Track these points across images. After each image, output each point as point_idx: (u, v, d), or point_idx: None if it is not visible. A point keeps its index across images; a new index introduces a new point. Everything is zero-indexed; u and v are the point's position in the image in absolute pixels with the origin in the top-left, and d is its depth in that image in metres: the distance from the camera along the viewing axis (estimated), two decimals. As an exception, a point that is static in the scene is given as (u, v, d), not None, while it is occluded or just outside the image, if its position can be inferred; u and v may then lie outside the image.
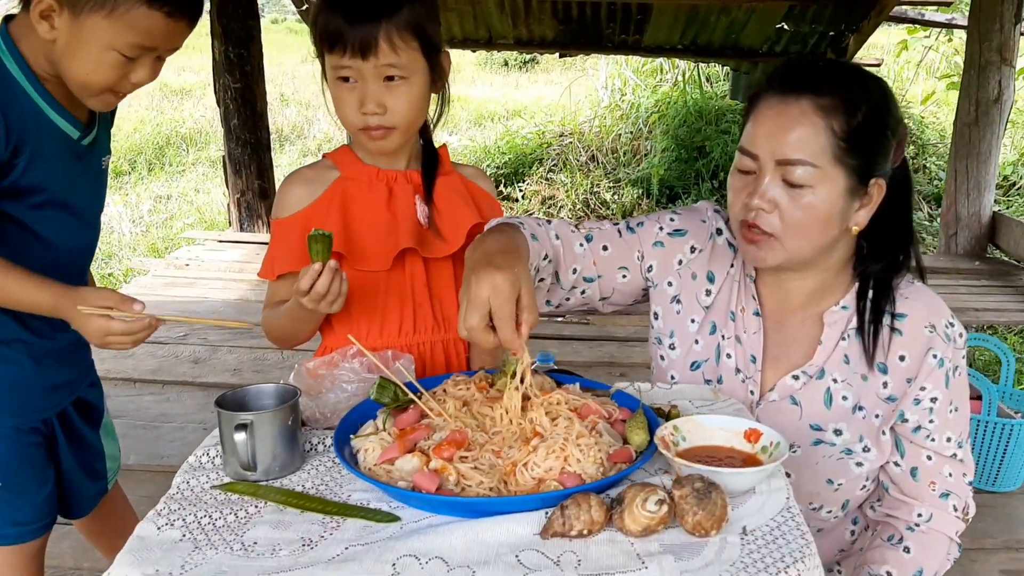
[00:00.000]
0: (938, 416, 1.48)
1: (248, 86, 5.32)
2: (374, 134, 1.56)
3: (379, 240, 1.60)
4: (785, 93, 1.39)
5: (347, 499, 1.18)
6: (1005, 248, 5.70)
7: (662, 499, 1.07)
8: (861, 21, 7.33)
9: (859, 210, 1.43)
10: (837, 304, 1.50)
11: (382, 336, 1.64)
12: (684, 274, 1.61)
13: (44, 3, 1.43)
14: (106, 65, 1.47)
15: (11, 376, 1.65)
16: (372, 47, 1.47)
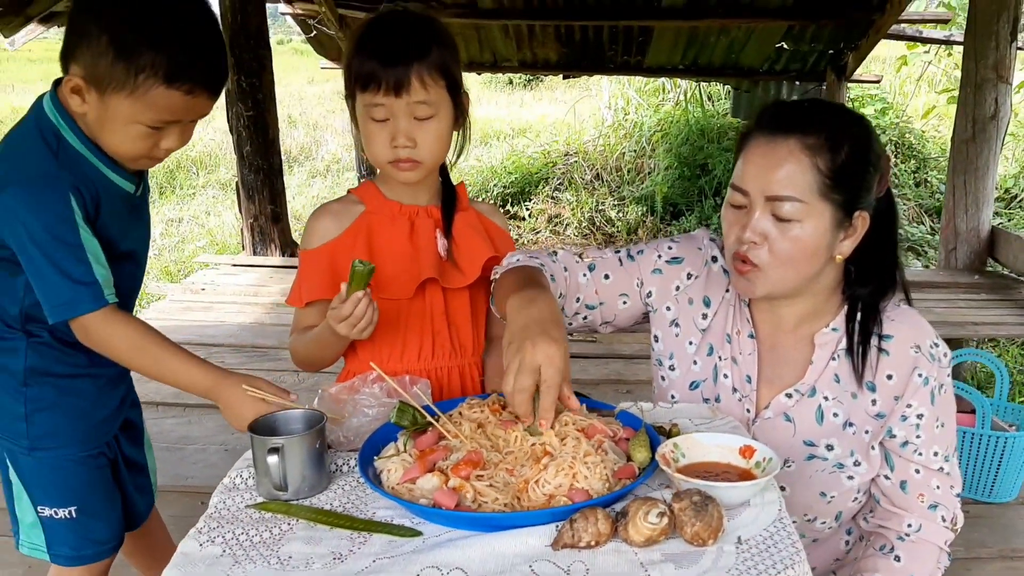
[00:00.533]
0: (925, 432, 1.57)
1: (260, 114, 5.45)
2: (403, 166, 1.66)
3: (402, 271, 1.70)
4: (773, 133, 1.48)
5: (372, 516, 1.28)
6: (1004, 262, 5.77)
7: (663, 512, 1.17)
8: (859, 39, 7.44)
9: (844, 240, 1.51)
10: (827, 326, 1.59)
11: (402, 361, 1.74)
12: (681, 299, 1.71)
13: (72, 82, 1.52)
14: (134, 137, 1.56)
15: (81, 406, 1.76)
16: (405, 86, 1.58)
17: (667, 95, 10.32)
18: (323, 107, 13.29)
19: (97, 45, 1.49)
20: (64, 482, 1.76)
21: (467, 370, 1.80)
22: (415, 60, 1.58)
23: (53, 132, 1.57)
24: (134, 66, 1.48)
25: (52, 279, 1.52)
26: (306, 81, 15.41)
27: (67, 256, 1.52)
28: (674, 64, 8.34)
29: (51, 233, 1.51)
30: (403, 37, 1.61)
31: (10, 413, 1.71)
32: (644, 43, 7.87)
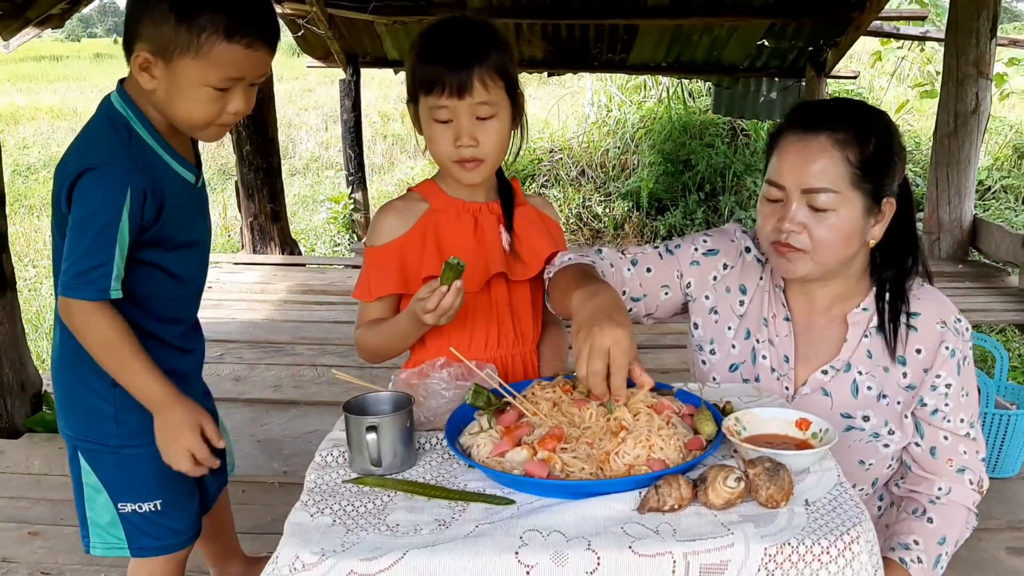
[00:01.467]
0: (952, 400, 1.69)
1: (260, 114, 5.52)
2: (468, 166, 1.73)
3: (470, 266, 1.75)
4: (805, 130, 1.61)
5: (464, 487, 1.38)
6: (986, 251, 5.97)
7: (740, 477, 1.28)
8: (839, 36, 7.60)
9: (875, 226, 1.65)
10: (858, 306, 1.72)
11: (470, 350, 1.82)
12: (719, 288, 1.83)
13: (141, 57, 1.59)
14: (203, 101, 1.62)
15: None
16: (468, 88, 1.66)
17: (649, 92, 10.46)
18: (295, 105, 13.27)
19: (159, 14, 1.56)
20: (151, 477, 1.80)
21: (528, 357, 1.90)
22: (476, 63, 1.66)
23: (124, 124, 1.65)
24: (195, 26, 1.55)
25: (76, 256, 1.60)
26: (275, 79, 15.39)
27: (98, 241, 1.59)
28: (657, 61, 8.47)
29: (97, 217, 1.58)
30: (463, 41, 1.70)
31: (98, 414, 1.76)
32: (629, 41, 8.00)
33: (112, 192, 1.58)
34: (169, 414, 1.69)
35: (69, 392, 1.78)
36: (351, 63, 8.09)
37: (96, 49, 20.31)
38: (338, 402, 3.61)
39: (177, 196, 1.72)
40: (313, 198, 9.91)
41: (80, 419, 1.78)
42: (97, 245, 1.58)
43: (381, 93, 13.71)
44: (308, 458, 3.05)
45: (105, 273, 1.59)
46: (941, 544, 1.67)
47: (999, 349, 3.01)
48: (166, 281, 1.76)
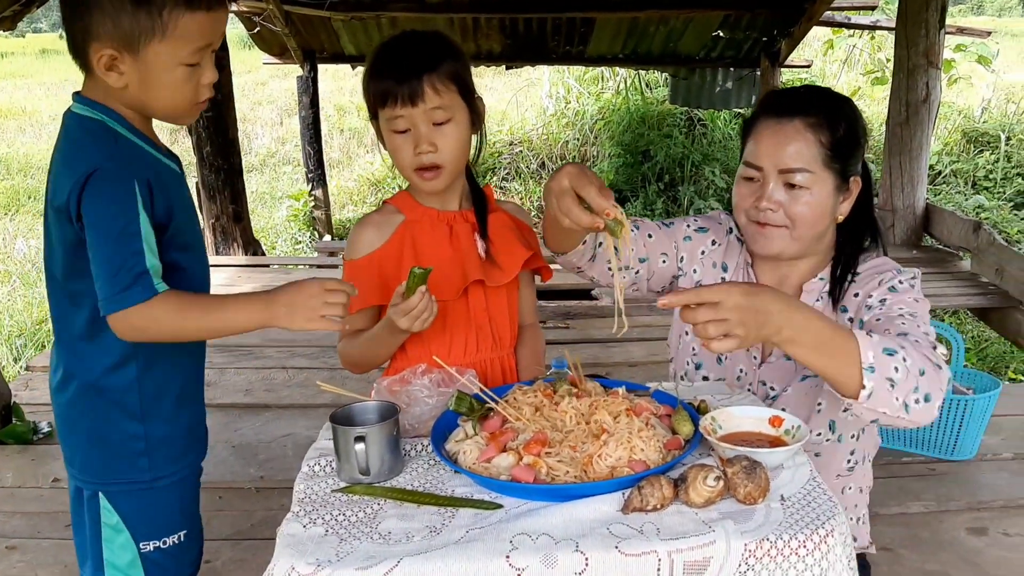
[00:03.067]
0: (887, 305, 1.70)
1: (219, 115, 5.48)
2: (427, 175, 1.78)
3: (447, 274, 1.82)
4: (780, 115, 1.73)
5: (452, 493, 1.41)
6: (939, 236, 6.12)
7: (719, 476, 1.33)
8: (792, 27, 7.71)
9: (843, 202, 1.78)
10: (816, 277, 1.83)
11: (450, 356, 1.87)
12: (706, 263, 1.94)
13: (105, 55, 1.52)
14: (180, 82, 1.56)
15: (194, 415, 1.79)
16: (419, 94, 1.71)
17: (607, 84, 10.52)
18: (249, 99, 13.11)
19: (111, 6, 1.49)
20: (177, 507, 1.75)
21: (506, 361, 1.95)
22: (425, 71, 1.72)
23: (101, 127, 1.57)
24: (154, 6, 1.50)
25: (107, 268, 1.51)
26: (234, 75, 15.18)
27: (123, 244, 1.51)
28: (614, 53, 8.54)
29: (115, 220, 1.52)
30: (411, 53, 1.76)
31: (129, 452, 1.68)
32: (586, 34, 8.05)
33: (119, 192, 1.52)
34: (278, 305, 1.58)
35: (88, 436, 1.68)
36: (308, 60, 8.05)
37: (41, 45, 19.88)
38: (310, 405, 3.66)
39: (173, 186, 1.67)
40: (272, 195, 9.84)
41: (107, 461, 1.69)
42: (124, 248, 1.50)
43: (336, 86, 13.61)
44: (284, 462, 3.11)
45: (142, 272, 1.51)
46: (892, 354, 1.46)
47: (955, 336, 3.11)
48: (184, 285, 1.66)
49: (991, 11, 33.36)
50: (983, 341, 5.74)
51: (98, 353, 1.64)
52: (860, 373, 1.43)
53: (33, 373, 4.05)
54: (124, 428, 1.66)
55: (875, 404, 1.45)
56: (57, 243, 1.61)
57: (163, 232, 1.60)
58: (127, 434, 1.66)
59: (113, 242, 1.51)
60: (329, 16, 7.30)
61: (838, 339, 1.45)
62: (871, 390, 1.44)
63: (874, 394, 1.44)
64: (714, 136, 9.72)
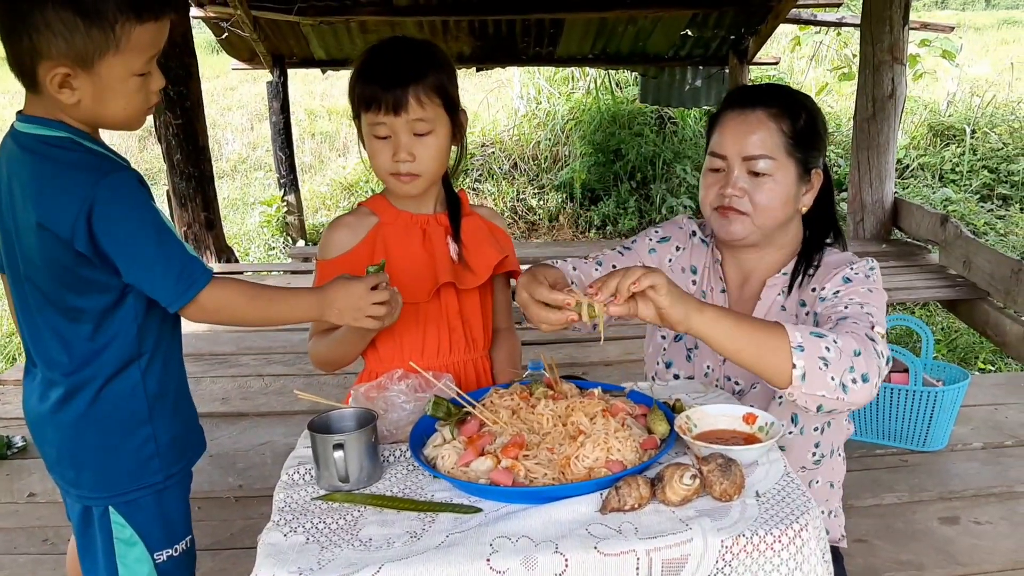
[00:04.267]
0: (838, 296, 1.72)
1: (189, 122, 5.44)
2: (403, 179, 1.80)
3: (418, 276, 1.84)
4: (743, 107, 1.80)
5: (431, 498, 1.42)
6: (907, 230, 6.20)
7: (695, 474, 1.35)
8: (759, 25, 7.80)
9: (805, 194, 1.83)
10: (780, 272, 1.86)
11: (423, 357, 1.88)
12: (675, 269, 1.97)
13: (58, 74, 1.50)
14: (133, 91, 1.57)
15: (188, 414, 1.83)
16: (403, 105, 1.73)
17: (577, 84, 10.56)
18: (218, 104, 13.02)
19: (63, 25, 1.47)
20: (183, 507, 1.78)
21: (480, 363, 1.97)
22: (411, 82, 1.73)
23: (69, 141, 1.56)
24: (106, 21, 1.49)
25: (165, 264, 1.53)
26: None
27: (169, 238, 1.54)
28: (584, 54, 8.59)
29: (145, 225, 1.53)
30: (400, 61, 1.77)
31: (141, 457, 1.69)
32: (555, 35, 8.08)
33: (132, 195, 1.54)
34: (330, 301, 1.63)
35: (100, 449, 1.68)
36: (277, 65, 8.02)
37: None
38: (287, 412, 3.65)
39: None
40: (243, 201, 9.77)
41: (121, 472, 1.69)
42: (167, 243, 1.54)
43: (306, 90, 13.54)
44: (262, 471, 3.11)
45: (192, 258, 1.56)
46: (820, 337, 1.50)
47: (924, 329, 3.16)
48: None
49: (955, 5, 33.71)
50: (953, 332, 5.82)
51: (101, 363, 1.65)
52: (790, 355, 1.47)
53: (5, 387, 4.01)
54: (136, 432, 1.69)
55: (811, 387, 1.48)
56: (42, 264, 1.59)
57: None
58: (140, 438, 1.69)
59: (155, 244, 1.54)
60: (298, 21, 7.28)
61: (762, 329, 1.51)
62: (803, 370, 1.46)
63: (807, 375, 1.47)
64: (685, 134, 9.78)
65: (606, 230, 8.85)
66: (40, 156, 1.56)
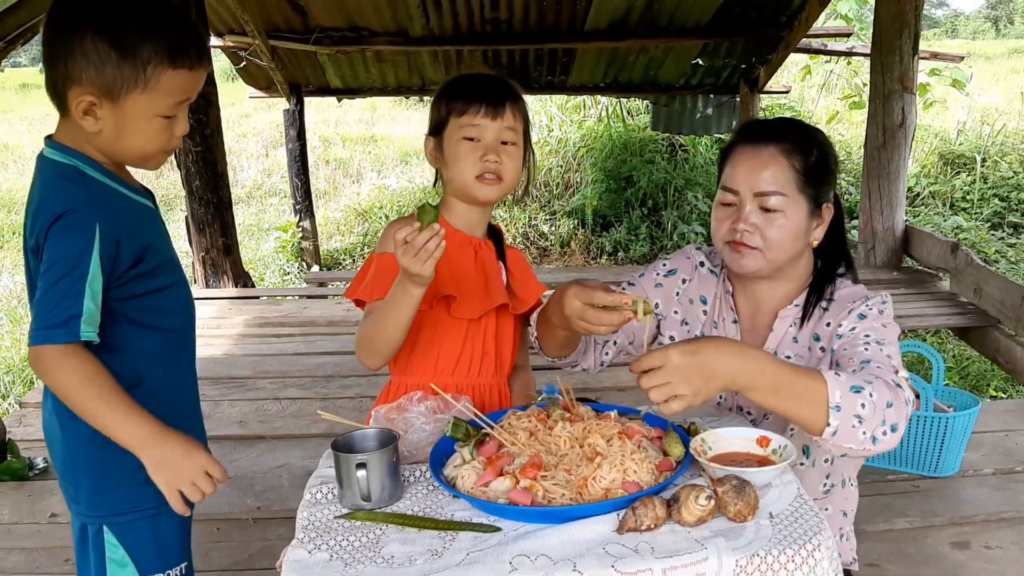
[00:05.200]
0: (856, 333, 1.75)
1: (208, 148, 5.53)
2: (487, 179, 1.86)
3: (471, 294, 1.89)
4: (756, 142, 1.81)
5: (451, 517, 1.46)
6: (918, 258, 6.21)
7: (710, 495, 1.38)
8: (770, 54, 7.87)
9: (816, 228, 1.84)
10: (792, 303, 1.88)
11: (453, 375, 1.93)
12: (683, 301, 2.00)
13: (84, 101, 1.55)
14: (155, 131, 1.61)
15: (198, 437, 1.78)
16: (501, 112, 1.85)
17: (588, 111, 10.65)
18: (233, 131, 13.14)
19: (97, 56, 1.51)
20: (179, 532, 1.78)
21: (503, 388, 2.02)
22: (508, 98, 1.86)
23: (73, 171, 1.61)
24: (139, 60, 1.53)
25: (46, 305, 1.53)
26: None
27: (65, 286, 1.53)
28: (596, 82, 8.69)
29: (64, 261, 1.53)
30: (500, 82, 1.90)
31: (136, 478, 1.67)
32: (568, 63, 8.18)
33: (80, 235, 1.54)
34: (164, 443, 1.59)
35: (95, 469, 1.69)
36: (294, 93, 8.14)
37: (21, 79, 19.79)
38: (304, 435, 3.68)
39: (148, 222, 1.71)
40: (259, 227, 9.87)
41: (115, 493, 1.70)
42: (65, 289, 1.52)
43: (321, 118, 13.69)
44: (279, 492, 3.14)
45: (74, 315, 1.52)
46: (858, 391, 1.51)
47: (934, 355, 3.19)
48: (161, 316, 1.72)
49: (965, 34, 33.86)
50: (964, 360, 5.82)
51: None
52: (826, 413, 1.49)
53: (27, 409, 4.06)
54: (131, 456, 1.65)
55: (840, 440, 1.51)
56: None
57: (137, 265, 1.63)
58: (135, 462, 1.65)
59: (60, 279, 1.53)
60: (315, 50, 7.41)
61: (801, 381, 1.50)
62: (835, 428, 1.49)
63: (839, 432, 1.50)
64: (696, 161, 9.85)
65: (618, 256, 8.90)
66: (44, 179, 1.62)
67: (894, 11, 5.81)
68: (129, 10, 1.55)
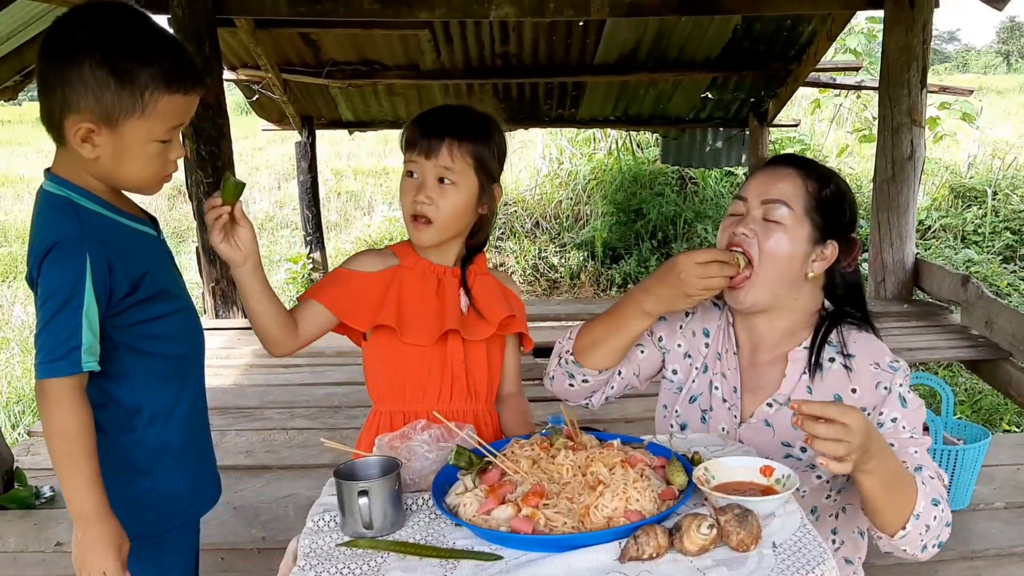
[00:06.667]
0: (899, 427, 1.77)
1: (219, 181, 5.56)
2: (419, 224, 1.90)
3: (427, 320, 1.92)
4: (777, 164, 1.85)
5: (453, 545, 1.45)
6: (929, 290, 6.20)
7: (712, 524, 1.37)
8: (779, 88, 7.92)
9: (815, 261, 1.82)
10: (800, 345, 1.86)
11: (423, 401, 1.96)
12: (687, 333, 1.99)
13: (83, 128, 1.55)
14: (152, 156, 1.63)
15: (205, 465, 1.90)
16: (435, 151, 1.86)
17: (598, 144, 10.71)
18: (246, 164, 13.26)
19: (95, 83, 1.54)
20: (186, 561, 1.81)
21: (481, 416, 2.03)
22: (448, 135, 1.87)
23: (65, 202, 1.62)
24: (137, 86, 1.56)
25: (47, 338, 1.55)
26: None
27: (62, 317, 1.55)
28: (606, 115, 8.75)
29: (58, 294, 1.55)
30: (448, 117, 1.92)
31: (141, 503, 1.69)
32: (577, 97, 8.24)
33: (71, 266, 1.55)
34: (98, 528, 1.57)
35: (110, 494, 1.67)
36: (306, 125, 8.22)
37: (37, 112, 20.12)
38: (310, 465, 3.68)
39: (149, 250, 1.72)
40: (270, 258, 9.93)
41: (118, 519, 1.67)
42: (63, 321, 1.54)
43: (333, 150, 13.82)
44: (285, 523, 3.14)
45: (75, 347, 1.54)
46: (936, 504, 1.63)
47: (944, 387, 3.17)
48: (163, 345, 1.73)
49: (976, 68, 33.97)
50: (976, 394, 5.78)
51: (105, 414, 1.67)
52: (908, 518, 1.56)
53: (35, 439, 4.07)
54: (133, 483, 1.69)
55: (903, 543, 1.59)
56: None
57: (133, 292, 1.64)
58: (135, 490, 1.68)
59: (56, 312, 1.54)
60: (327, 84, 7.49)
61: (904, 480, 1.58)
62: (907, 532, 1.56)
63: (907, 536, 1.57)
64: (705, 194, 9.88)
65: (628, 288, 8.90)
66: (38, 212, 1.64)
67: (902, 44, 5.84)
68: (125, 37, 1.58)
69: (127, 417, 1.70)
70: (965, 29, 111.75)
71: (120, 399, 1.66)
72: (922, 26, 5.80)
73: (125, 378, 1.68)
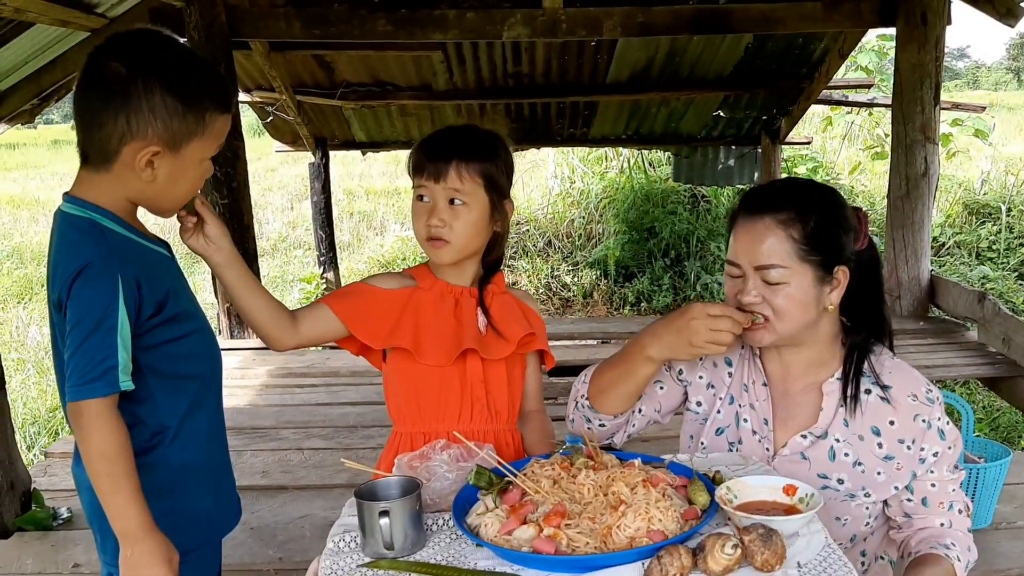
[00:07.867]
0: (940, 461, 1.80)
1: (235, 201, 5.60)
2: (435, 244, 1.91)
3: (445, 341, 1.92)
4: (752, 213, 1.77)
5: (474, 566, 1.45)
6: (945, 307, 6.16)
7: (736, 544, 1.36)
8: (791, 106, 7.92)
9: (830, 292, 1.78)
10: (833, 376, 1.83)
11: (443, 422, 1.95)
12: (708, 364, 1.96)
13: (149, 152, 1.60)
14: (199, 175, 1.69)
15: (225, 487, 1.89)
16: (443, 174, 1.87)
17: (610, 163, 10.73)
18: (259, 185, 13.32)
19: (165, 110, 1.58)
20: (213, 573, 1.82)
21: (502, 435, 2.02)
22: (455, 157, 1.87)
23: (90, 224, 1.62)
24: (202, 109, 1.62)
25: (82, 360, 1.54)
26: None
27: (96, 338, 1.55)
28: (617, 134, 8.76)
29: (91, 314, 1.55)
30: (454, 139, 1.92)
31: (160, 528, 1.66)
32: (589, 116, 8.27)
33: (103, 287, 1.56)
34: (146, 543, 1.58)
35: None
36: (320, 146, 8.26)
37: (54, 135, 20.21)
38: (327, 485, 3.67)
39: (167, 271, 1.73)
40: (283, 279, 9.97)
41: None
42: (98, 343, 1.55)
43: (346, 171, 13.88)
44: (301, 543, 3.13)
45: (111, 366, 1.54)
46: (961, 559, 1.80)
47: (964, 406, 3.14)
48: (182, 364, 1.73)
49: (986, 85, 33.95)
50: (995, 411, 5.74)
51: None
52: None
53: (52, 459, 4.08)
54: (158, 506, 1.66)
55: None
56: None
57: (159, 313, 1.65)
58: (157, 512, 1.65)
59: (90, 334, 1.55)
60: (340, 105, 7.53)
61: None
62: None
63: None
64: (718, 212, 9.87)
65: (640, 307, 8.89)
66: (60, 234, 1.64)
67: (915, 62, 5.84)
68: (182, 63, 1.63)
69: (150, 438, 1.70)
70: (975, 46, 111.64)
71: (144, 419, 1.66)
72: (934, 43, 5.80)
73: (148, 399, 1.68)
